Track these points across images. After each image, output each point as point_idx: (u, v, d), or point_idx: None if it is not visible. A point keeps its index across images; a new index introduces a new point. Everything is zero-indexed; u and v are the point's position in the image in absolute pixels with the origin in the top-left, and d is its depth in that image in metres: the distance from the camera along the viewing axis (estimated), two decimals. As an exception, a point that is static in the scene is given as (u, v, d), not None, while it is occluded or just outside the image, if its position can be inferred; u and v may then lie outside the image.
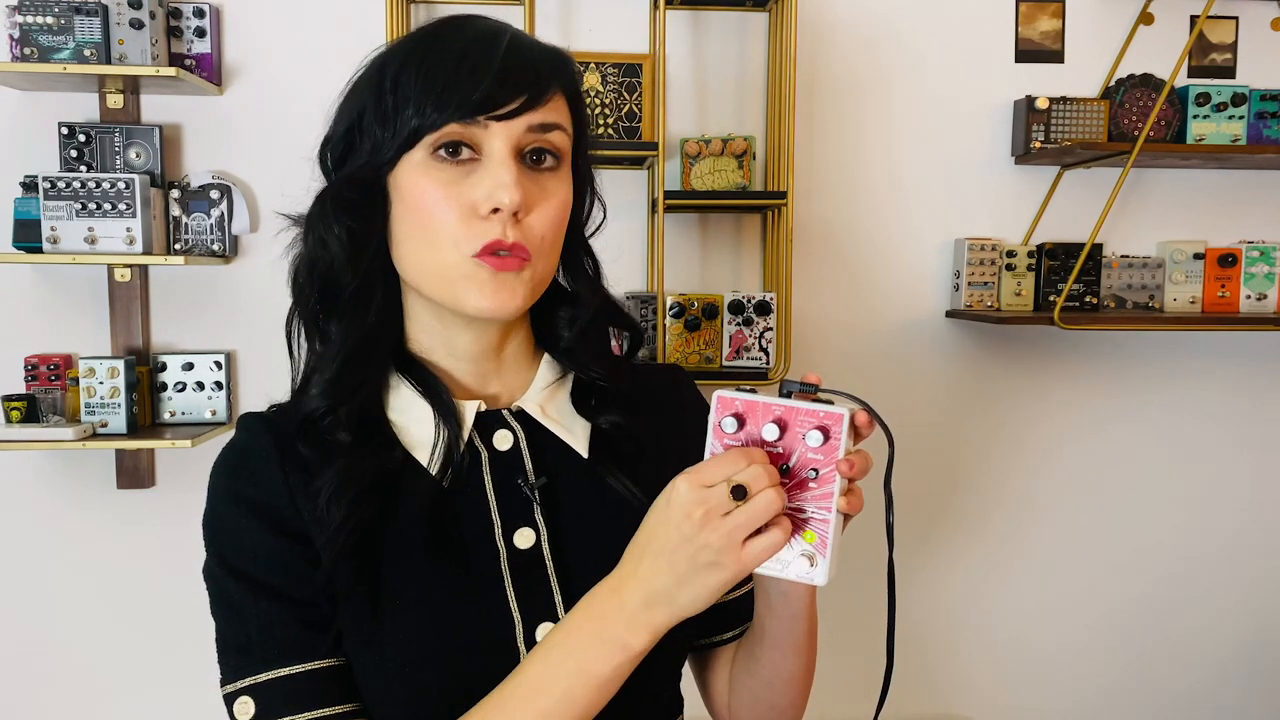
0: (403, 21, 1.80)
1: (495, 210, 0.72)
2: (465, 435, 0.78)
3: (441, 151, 0.72)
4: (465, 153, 0.72)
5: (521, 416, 0.82)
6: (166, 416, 1.85)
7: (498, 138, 0.72)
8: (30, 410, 1.75)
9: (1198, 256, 1.98)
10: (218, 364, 1.86)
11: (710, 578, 0.64)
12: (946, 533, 2.09)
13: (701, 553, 0.64)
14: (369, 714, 0.74)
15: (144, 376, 1.84)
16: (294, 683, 0.72)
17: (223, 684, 0.74)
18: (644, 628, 0.66)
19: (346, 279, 0.76)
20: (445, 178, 0.72)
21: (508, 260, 0.73)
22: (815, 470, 0.66)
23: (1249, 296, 2.00)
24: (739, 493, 0.63)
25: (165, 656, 1.93)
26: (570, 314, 0.84)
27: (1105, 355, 2.08)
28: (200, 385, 1.85)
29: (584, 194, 0.82)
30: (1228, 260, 1.99)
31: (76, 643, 1.93)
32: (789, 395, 0.68)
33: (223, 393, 1.86)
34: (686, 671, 0.90)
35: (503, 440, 0.80)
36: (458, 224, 0.72)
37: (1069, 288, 1.88)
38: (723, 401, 0.69)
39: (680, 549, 0.64)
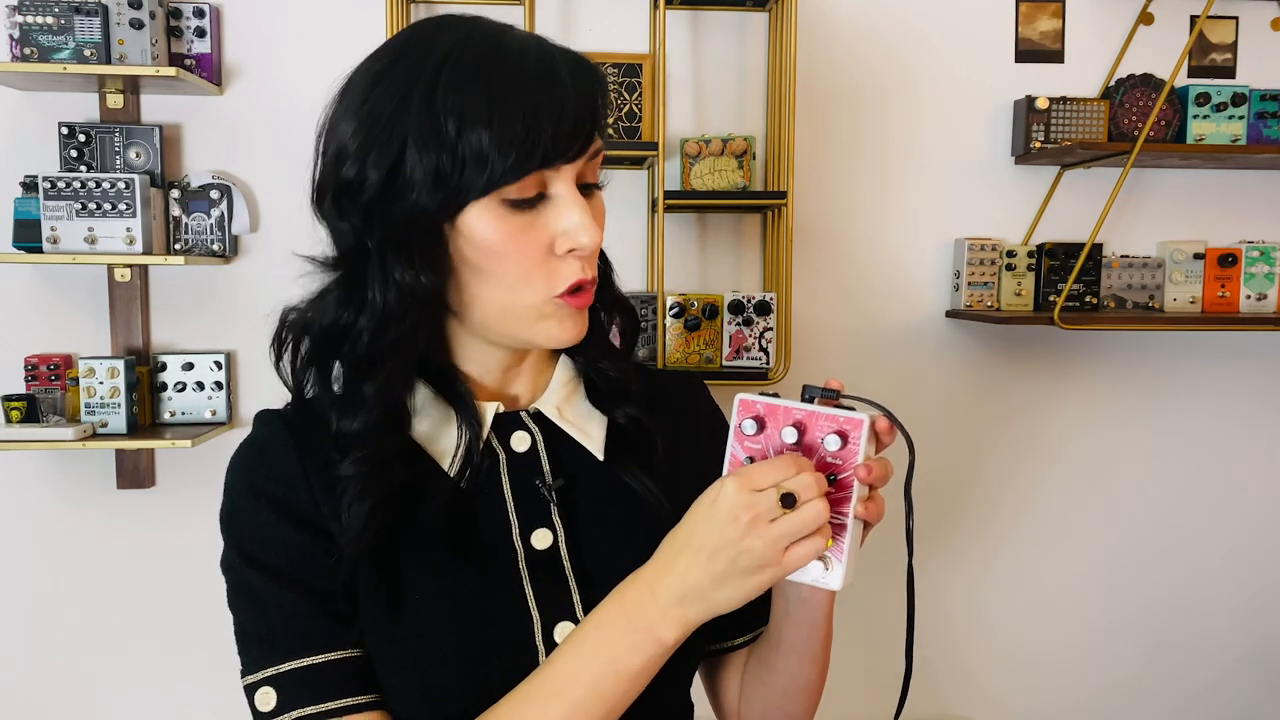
0: (403, 22, 1.80)
1: (571, 249, 0.71)
2: (484, 437, 0.79)
3: (513, 200, 0.69)
4: (536, 195, 0.71)
5: (539, 418, 0.82)
6: (166, 416, 1.85)
7: (565, 177, 0.71)
8: (30, 410, 1.75)
9: (1198, 256, 1.98)
10: (218, 364, 1.86)
11: (748, 580, 0.65)
12: (946, 532, 2.09)
13: (743, 556, 0.64)
14: (389, 707, 0.74)
15: (144, 376, 1.84)
16: (316, 673, 0.72)
17: (243, 674, 0.74)
18: (676, 622, 0.67)
19: (395, 335, 0.72)
20: (519, 223, 0.70)
21: (585, 295, 0.74)
22: (834, 475, 0.67)
23: (1249, 296, 2.00)
24: (788, 500, 0.63)
25: (166, 656, 1.93)
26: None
27: (1105, 355, 2.08)
28: (200, 385, 1.85)
29: None
30: (1228, 260, 1.99)
31: (76, 642, 1.93)
32: (811, 400, 0.68)
33: (223, 393, 1.86)
34: (696, 678, 0.90)
35: (520, 442, 0.81)
36: (536, 267, 0.71)
37: (1069, 288, 1.87)
38: (744, 404, 0.69)
39: (722, 550, 0.64)
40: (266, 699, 0.72)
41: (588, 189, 0.74)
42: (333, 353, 0.75)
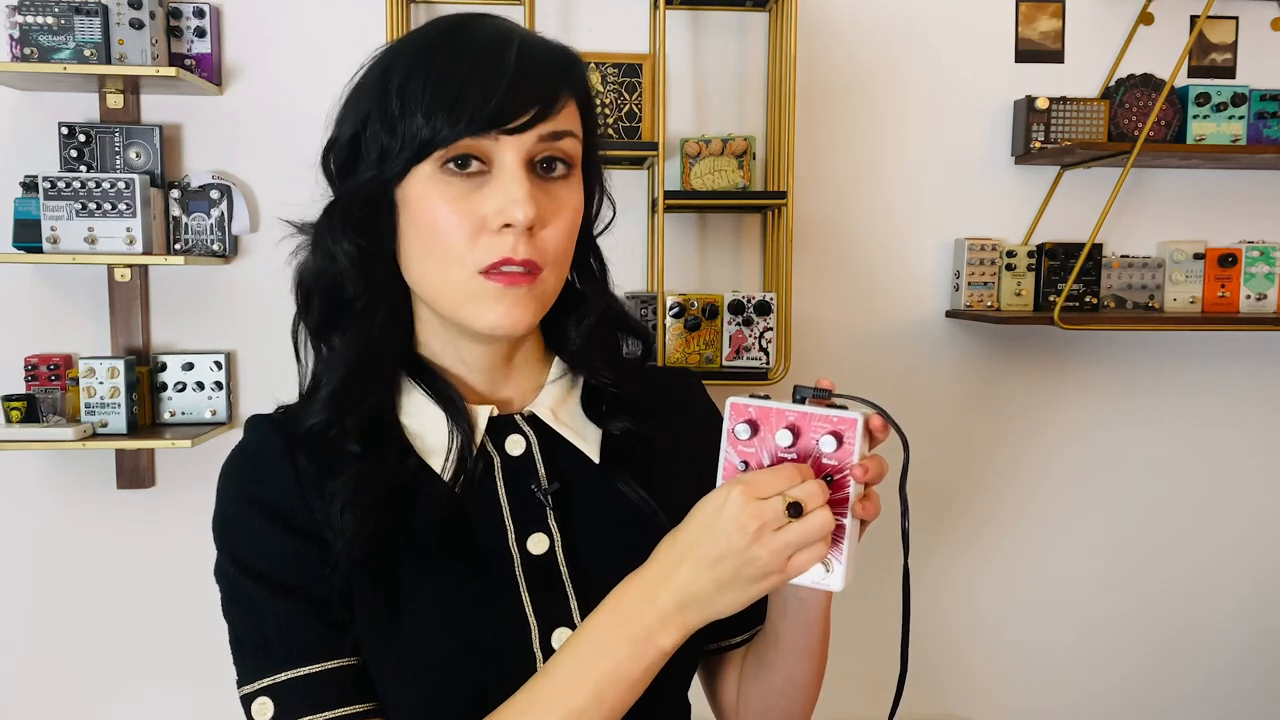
0: (403, 21, 1.80)
1: (507, 225, 0.70)
2: (478, 441, 0.78)
3: (451, 165, 0.71)
4: (475, 165, 0.71)
5: (533, 421, 0.81)
6: (166, 416, 1.85)
7: (509, 150, 0.70)
8: (30, 410, 1.75)
9: (1198, 256, 1.98)
10: (218, 364, 1.86)
11: (752, 587, 0.65)
12: (946, 532, 2.09)
13: (748, 565, 0.64)
14: (386, 715, 0.74)
15: (144, 376, 1.84)
16: (313, 682, 0.72)
17: (240, 685, 0.74)
18: (677, 628, 0.67)
19: (353, 292, 0.75)
20: (454, 192, 0.71)
21: (517, 276, 0.71)
22: (830, 476, 0.66)
23: (1249, 296, 2.00)
24: (794, 510, 0.63)
25: (165, 656, 1.93)
26: (579, 317, 0.83)
27: (1105, 355, 2.08)
28: (200, 385, 1.85)
29: (593, 195, 0.82)
30: (1228, 260, 1.99)
31: (76, 643, 1.93)
32: (803, 401, 0.68)
33: (223, 393, 1.86)
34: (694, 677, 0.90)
35: (515, 445, 0.80)
36: (466, 240, 0.71)
37: (1069, 288, 1.87)
38: (735, 408, 0.69)
39: (728, 559, 0.64)
40: (263, 709, 0.71)
41: (548, 174, 0.74)
42: (310, 302, 0.78)
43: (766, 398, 0.69)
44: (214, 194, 1.83)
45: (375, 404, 0.77)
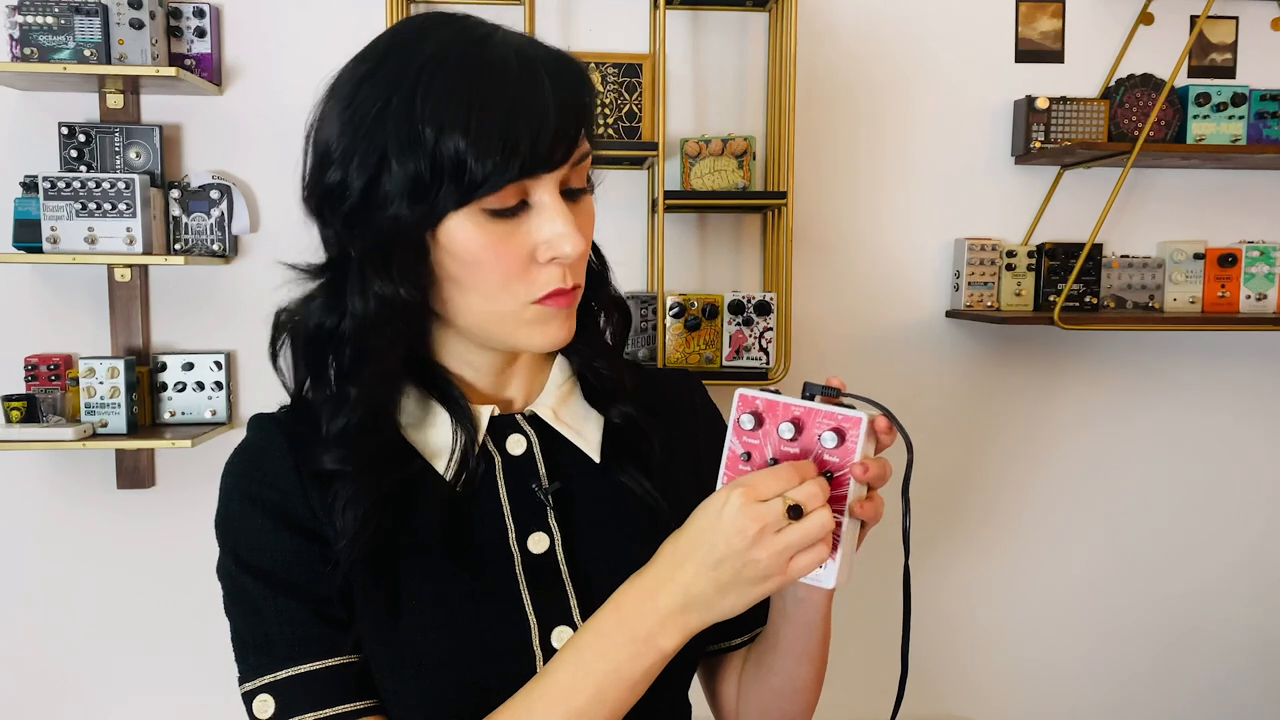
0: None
1: (553, 258, 0.71)
2: (479, 440, 0.78)
3: (495, 204, 0.68)
4: (517, 202, 0.70)
5: (534, 421, 0.82)
6: (166, 416, 1.85)
7: (547, 184, 0.70)
8: (30, 410, 1.75)
9: (1198, 256, 1.98)
10: (217, 364, 1.86)
11: (753, 589, 0.65)
12: (946, 532, 2.09)
13: (749, 568, 0.64)
14: (387, 713, 0.74)
15: (144, 376, 1.84)
16: (314, 680, 0.72)
17: (241, 682, 0.74)
18: (678, 630, 0.67)
19: (374, 342, 0.72)
20: (499, 231, 0.69)
21: (566, 296, 0.73)
22: (830, 473, 0.66)
23: (1249, 296, 2.00)
24: (795, 512, 0.63)
25: (165, 656, 1.93)
26: (582, 314, 0.83)
27: (1105, 355, 2.08)
28: (200, 385, 1.85)
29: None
30: (1228, 260, 1.99)
31: (76, 643, 1.93)
32: (811, 397, 0.68)
33: (223, 393, 1.86)
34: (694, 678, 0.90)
35: (516, 445, 0.80)
36: (516, 275, 0.70)
37: (1069, 288, 1.88)
38: (743, 399, 0.69)
39: (728, 561, 0.64)
40: (264, 706, 0.72)
41: (574, 193, 0.73)
42: (322, 355, 0.75)
43: (777, 392, 0.69)
44: (214, 194, 1.83)
45: (388, 430, 0.76)
